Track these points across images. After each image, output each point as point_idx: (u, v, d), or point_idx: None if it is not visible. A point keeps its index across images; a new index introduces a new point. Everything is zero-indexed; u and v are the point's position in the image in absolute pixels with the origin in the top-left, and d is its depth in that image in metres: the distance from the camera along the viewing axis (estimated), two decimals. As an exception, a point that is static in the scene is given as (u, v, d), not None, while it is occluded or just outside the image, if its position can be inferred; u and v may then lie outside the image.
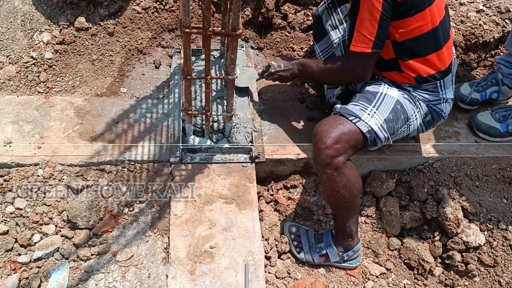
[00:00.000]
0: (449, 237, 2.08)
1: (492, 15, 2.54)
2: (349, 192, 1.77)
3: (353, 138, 1.75)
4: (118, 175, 1.96)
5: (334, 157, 1.71)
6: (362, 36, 1.72)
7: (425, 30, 1.76)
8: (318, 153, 1.74)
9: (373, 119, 1.78)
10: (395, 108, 1.83)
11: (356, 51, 1.76)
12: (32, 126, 2.04)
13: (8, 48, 2.26)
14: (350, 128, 1.75)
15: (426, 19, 1.74)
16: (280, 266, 1.94)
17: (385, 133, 1.80)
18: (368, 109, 1.80)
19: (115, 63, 2.37)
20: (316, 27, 2.27)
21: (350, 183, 1.76)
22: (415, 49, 1.80)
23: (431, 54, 1.81)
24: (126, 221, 1.88)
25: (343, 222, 1.87)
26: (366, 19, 1.69)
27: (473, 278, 2.05)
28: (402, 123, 1.87)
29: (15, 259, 1.75)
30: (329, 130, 1.73)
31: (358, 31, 1.73)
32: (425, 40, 1.78)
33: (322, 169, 1.75)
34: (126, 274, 1.75)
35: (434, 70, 1.85)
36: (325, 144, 1.71)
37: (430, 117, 1.96)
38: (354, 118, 1.77)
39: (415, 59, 1.82)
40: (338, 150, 1.72)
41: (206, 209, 1.88)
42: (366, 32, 1.71)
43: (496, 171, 2.18)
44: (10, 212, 1.83)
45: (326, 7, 2.16)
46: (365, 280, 2.00)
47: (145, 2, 2.44)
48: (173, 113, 2.15)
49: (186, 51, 1.63)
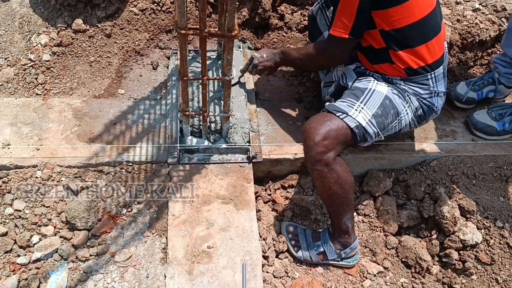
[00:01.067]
0: (446, 235, 2.09)
1: (488, 14, 2.55)
2: (341, 187, 1.79)
3: (341, 133, 1.77)
4: (116, 176, 1.97)
5: (323, 153, 1.73)
6: (341, 22, 1.77)
7: (412, 21, 1.77)
8: (308, 150, 1.77)
9: (361, 114, 1.80)
10: (383, 103, 1.85)
11: (334, 35, 1.80)
12: (31, 128, 2.05)
13: (6, 51, 2.27)
14: (337, 124, 1.77)
15: (413, 9, 1.75)
16: (278, 265, 1.95)
17: (374, 128, 1.81)
18: (355, 105, 1.82)
19: (112, 64, 2.38)
20: (311, 28, 2.28)
21: (341, 178, 1.78)
22: (403, 39, 1.81)
23: (420, 45, 1.82)
24: (124, 222, 1.89)
25: (338, 219, 1.89)
26: (347, 6, 1.74)
27: (471, 276, 2.05)
28: (392, 118, 1.88)
29: (14, 260, 1.76)
30: (317, 127, 1.76)
31: (339, 16, 1.78)
32: (412, 31, 1.79)
33: (312, 166, 1.77)
34: (125, 275, 1.76)
35: (424, 62, 1.85)
36: (314, 141, 1.73)
37: (422, 111, 1.96)
38: (341, 114, 1.79)
39: (405, 50, 1.83)
40: (327, 146, 1.74)
41: (204, 209, 1.89)
42: (345, 18, 1.76)
43: (492, 169, 2.19)
44: (9, 213, 1.84)
45: (320, 7, 2.17)
46: (363, 279, 2.01)
47: (142, 4, 2.45)
48: (171, 114, 2.16)
49: (182, 52, 1.64)
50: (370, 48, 1.89)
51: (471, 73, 2.58)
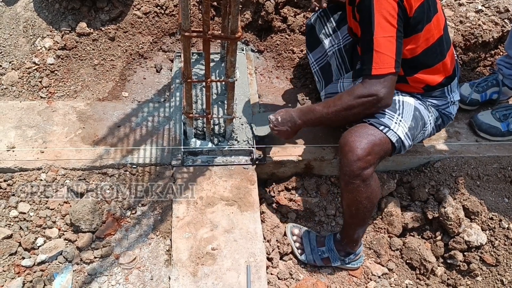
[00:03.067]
0: (450, 236, 2.08)
1: (491, 15, 2.55)
2: (370, 202, 1.74)
3: (383, 148, 1.69)
4: (121, 179, 1.97)
5: (364, 169, 1.65)
6: (384, 56, 1.58)
7: (431, 42, 1.72)
8: (348, 164, 1.65)
9: (400, 127, 1.72)
10: (415, 115, 1.79)
11: (380, 74, 1.60)
12: (35, 131, 2.06)
13: (10, 54, 2.28)
14: (380, 138, 1.68)
15: (432, 31, 1.70)
16: (282, 267, 1.94)
17: (409, 140, 1.76)
18: (394, 117, 1.73)
19: (116, 67, 2.39)
20: (309, 37, 2.25)
21: (374, 194, 1.73)
22: (422, 62, 1.76)
23: (438, 63, 1.78)
24: (128, 224, 1.90)
25: (354, 230, 1.85)
26: (383, 38, 1.58)
27: (476, 277, 2.05)
28: (420, 129, 1.84)
29: (19, 262, 1.76)
30: (360, 141, 1.65)
31: (377, 52, 1.58)
32: (432, 51, 1.74)
33: (349, 180, 1.68)
34: (129, 277, 1.76)
35: (441, 78, 1.82)
36: (357, 155, 1.63)
37: (441, 120, 1.95)
38: (384, 128, 1.69)
39: (423, 70, 1.78)
40: (369, 161, 1.65)
41: (208, 211, 1.89)
42: (386, 51, 1.58)
43: (497, 171, 2.19)
44: (14, 216, 1.85)
45: (318, 16, 2.15)
46: (367, 281, 2.01)
47: (146, 7, 2.46)
48: (175, 117, 2.17)
49: (186, 55, 1.65)
50: None
51: (475, 74, 2.57)
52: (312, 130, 2.22)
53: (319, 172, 2.19)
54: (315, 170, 2.18)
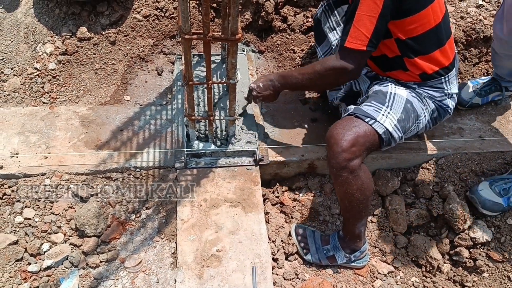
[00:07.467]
0: (456, 233, 2.08)
1: (492, 10, 2.54)
2: (363, 194, 1.75)
3: (369, 140, 1.71)
4: (125, 182, 1.97)
5: (350, 160, 1.67)
6: (358, 33, 1.66)
7: (428, 28, 1.74)
8: (334, 156, 1.69)
9: (388, 119, 1.74)
10: (406, 107, 1.81)
11: (351, 48, 1.68)
12: (38, 137, 2.07)
13: (12, 61, 2.29)
14: (365, 130, 1.71)
15: (428, 17, 1.72)
16: (288, 267, 1.94)
17: (399, 132, 1.77)
18: (382, 110, 1.76)
19: (117, 71, 2.40)
20: (316, 30, 2.27)
21: (364, 185, 1.74)
22: (419, 47, 1.78)
23: (435, 51, 1.80)
24: (133, 228, 1.90)
25: (353, 225, 1.86)
26: (365, 15, 1.63)
27: (482, 274, 2.04)
28: (412, 121, 1.85)
29: (25, 268, 1.77)
30: (344, 133, 1.69)
31: (355, 27, 1.65)
32: (428, 38, 1.76)
33: (337, 172, 1.71)
34: (135, 280, 1.77)
35: (439, 66, 1.83)
36: (341, 147, 1.66)
37: (437, 113, 1.95)
38: (369, 120, 1.72)
39: (420, 56, 1.80)
40: (354, 153, 1.68)
41: (212, 213, 1.89)
42: (363, 29, 1.65)
43: (501, 166, 2.18)
44: (19, 222, 1.85)
45: (323, 9, 2.16)
46: (373, 279, 2.00)
47: (146, 10, 2.46)
48: (177, 119, 2.17)
49: (186, 57, 1.65)
50: (383, 57, 1.86)
51: (476, 70, 2.56)
52: (315, 130, 2.22)
53: (322, 171, 2.19)
54: (318, 169, 2.18)
